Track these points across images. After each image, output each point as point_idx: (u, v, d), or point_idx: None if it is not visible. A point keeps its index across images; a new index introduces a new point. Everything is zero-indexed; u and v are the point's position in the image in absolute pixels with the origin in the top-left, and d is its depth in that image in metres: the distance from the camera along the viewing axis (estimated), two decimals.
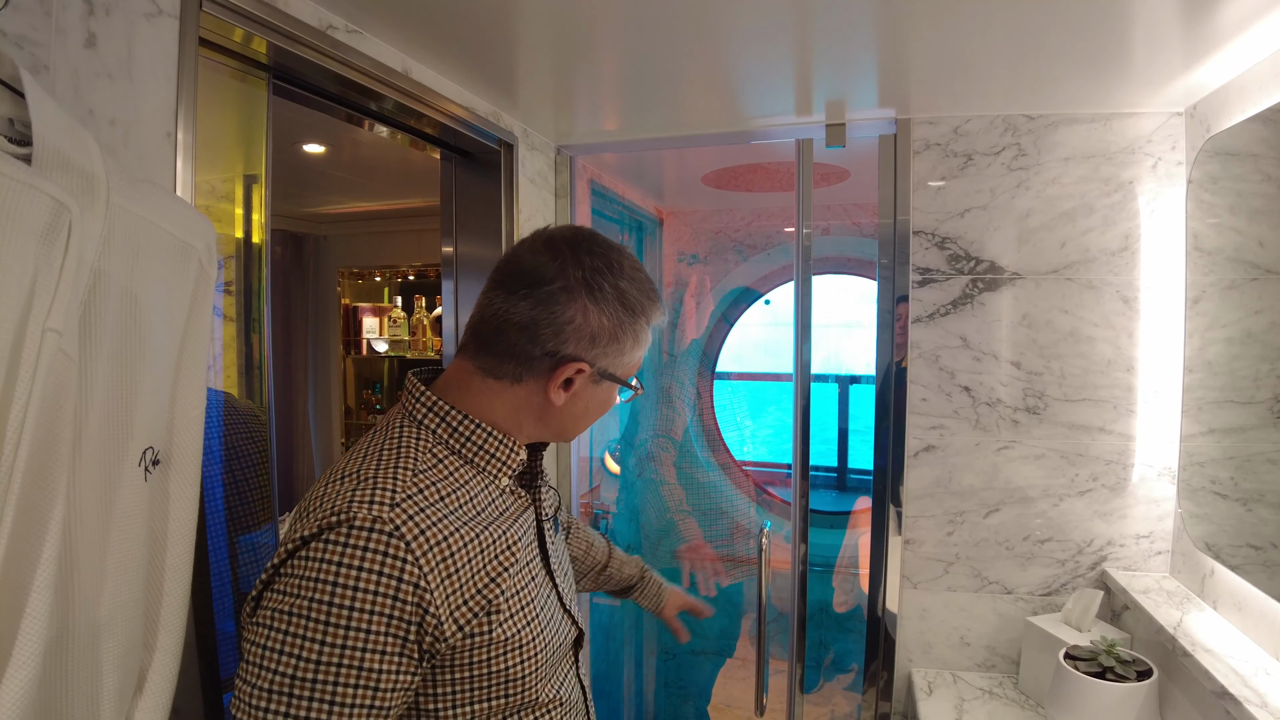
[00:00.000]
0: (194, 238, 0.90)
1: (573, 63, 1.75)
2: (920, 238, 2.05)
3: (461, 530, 0.89)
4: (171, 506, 0.88)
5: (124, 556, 0.81)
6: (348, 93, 1.54)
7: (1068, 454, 2.01)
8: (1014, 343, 2.02)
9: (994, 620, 2.08)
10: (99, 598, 0.79)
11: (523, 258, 0.97)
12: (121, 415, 0.81)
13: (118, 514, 0.81)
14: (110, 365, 0.80)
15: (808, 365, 2.05)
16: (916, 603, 2.11)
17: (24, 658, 0.69)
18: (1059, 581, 2.04)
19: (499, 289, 0.97)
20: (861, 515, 3.37)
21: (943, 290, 2.04)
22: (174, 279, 0.89)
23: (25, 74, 0.76)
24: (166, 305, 0.88)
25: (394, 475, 0.87)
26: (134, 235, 0.83)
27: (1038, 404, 2.02)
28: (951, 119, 2.03)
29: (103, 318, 0.80)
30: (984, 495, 2.05)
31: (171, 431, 0.89)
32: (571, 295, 0.94)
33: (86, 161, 0.79)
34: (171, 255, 0.88)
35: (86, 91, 0.94)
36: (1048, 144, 2.00)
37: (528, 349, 0.95)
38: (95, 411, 0.79)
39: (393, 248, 3.78)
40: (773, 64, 1.75)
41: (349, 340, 3.74)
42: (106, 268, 0.80)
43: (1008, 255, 2.01)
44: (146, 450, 0.84)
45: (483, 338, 0.97)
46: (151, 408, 0.85)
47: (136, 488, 0.83)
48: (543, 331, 0.94)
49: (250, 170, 1.42)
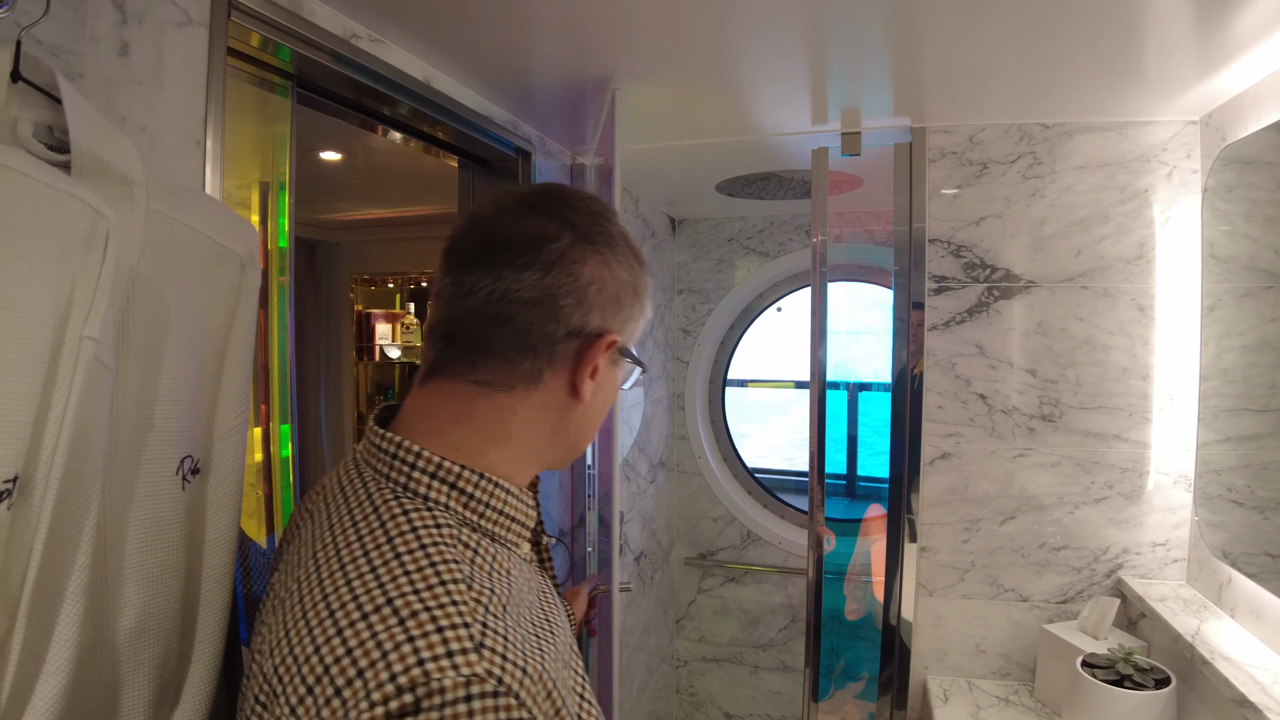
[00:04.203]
0: (235, 243, 0.91)
1: (587, 71, 1.77)
2: (936, 246, 2.05)
3: (542, 648, 0.65)
4: (210, 516, 0.89)
5: (161, 566, 0.82)
6: (369, 100, 1.56)
7: (1083, 461, 2.01)
8: (1029, 350, 2.02)
9: (1009, 628, 2.07)
10: (134, 607, 0.79)
11: (501, 223, 0.74)
12: (158, 423, 0.82)
13: (154, 523, 0.81)
14: (146, 373, 0.81)
15: (824, 372, 2.05)
16: (932, 610, 2.11)
17: (55, 665, 0.69)
18: (1074, 589, 2.04)
19: (479, 268, 0.71)
20: (873, 523, 3.36)
21: (958, 298, 2.04)
22: (214, 285, 0.90)
23: (63, 81, 0.78)
24: (207, 312, 0.89)
25: (449, 595, 0.59)
26: (173, 241, 0.84)
27: (1053, 411, 2.02)
28: (967, 127, 2.04)
29: (140, 324, 0.81)
30: (999, 503, 2.05)
31: (212, 440, 0.89)
32: (584, 250, 0.73)
33: (125, 166, 0.80)
34: (212, 261, 0.89)
35: (119, 99, 0.95)
36: (1062, 152, 2.00)
37: (549, 330, 0.71)
38: (131, 419, 0.79)
39: (405, 254, 3.80)
40: (788, 73, 1.76)
41: (362, 346, 3.75)
42: (145, 273, 0.81)
43: (1023, 263, 2.02)
44: (185, 459, 0.84)
45: (472, 338, 0.72)
46: (190, 416, 0.86)
47: (174, 497, 0.83)
48: (563, 302, 0.71)
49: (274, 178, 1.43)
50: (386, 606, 0.57)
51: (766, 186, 3.06)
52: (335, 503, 0.72)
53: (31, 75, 0.79)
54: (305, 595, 0.62)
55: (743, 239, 3.48)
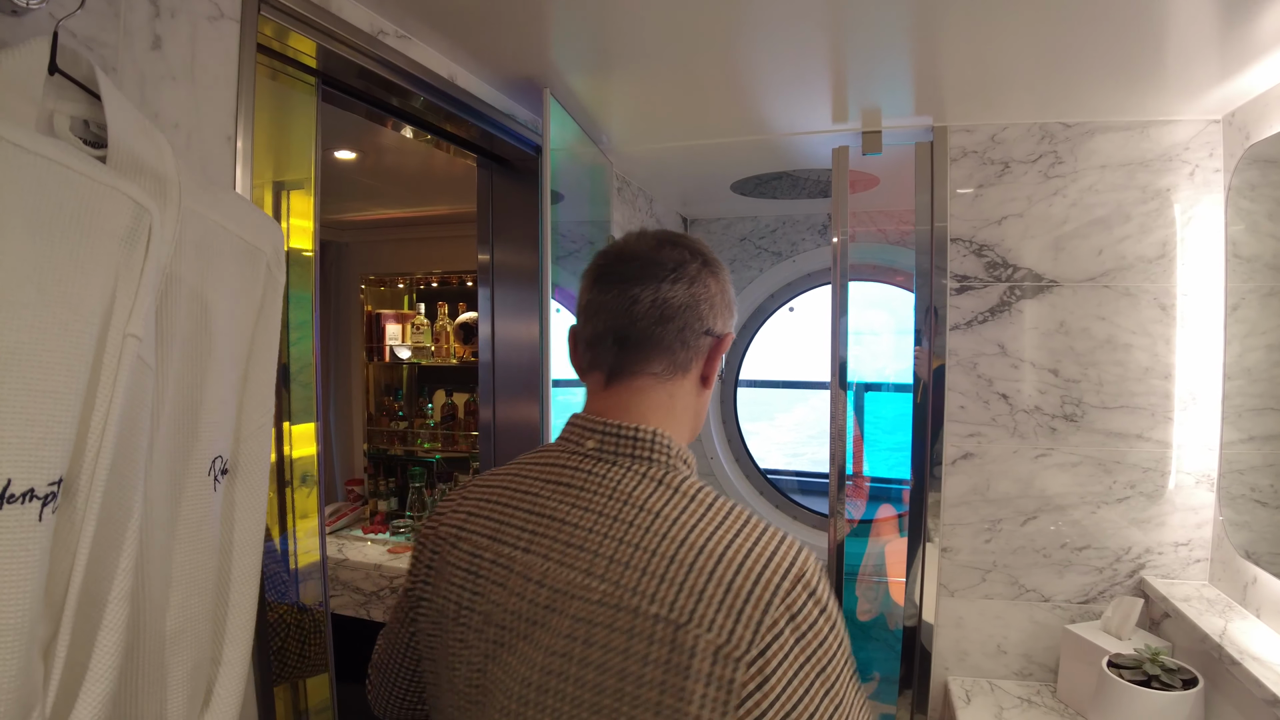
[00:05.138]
0: (263, 241, 0.90)
1: (608, 71, 1.76)
2: (957, 245, 2.04)
3: None
4: (238, 516, 0.87)
5: (193, 568, 0.81)
6: (394, 97, 1.54)
7: (1105, 461, 2.00)
8: (1051, 350, 2.01)
9: (1031, 628, 2.06)
10: (167, 610, 0.78)
11: (649, 253, 0.92)
12: (191, 423, 0.81)
13: (187, 524, 0.80)
14: (181, 372, 0.80)
15: (844, 372, 2.04)
16: (953, 611, 2.09)
17: (101, 670, 0.68)
18: (1096, 589, 2.03)
19: (639, 283, 0.89)
20: (884, 524, 3.35)
21: (980, 298, 2.03)
22: (243, 283, 0.89)
23: (101, 75, 0.77)
24: (235, 310, 0.88)
25: (757, 521, 0.80)
26: (204, 239, 0.83)
27: (1075, 411, 2.00)
28: (988, 126, 2.02)
29: (174, 323, 0.79)
30: (1021, 503, 2.03)
31: (239, 440, 0.88)
32: (708, 271, 0.93)
33: (160, 164, 0.79)
34: (240, 259, 0.88)
35: (152, 94, 0.94)
36: (1084, 151, 1.99)
37: (695, 327, 0.91)
38: (167, 419, 0.78)
39: (415, 254, 3.79)
40: (808, 73, 1.75)
41: (371, 347, 3.73)
42: (178, 271, 0.80)
43: (1045, 263, 2.00)
44: (216, 459, 0.83)
45: (643, 336, 0.89)
46: (220, 416, 0.85)
47: (206, 497, 0.82)
48: (702, 308, 0.91)
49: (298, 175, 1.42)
50: (743, 530, 0.77)
51: (780, 186, 3.05)
52: (593, 486, 0.84)
53: (69, 69, 0.78)
54: (655, 549, 0.76)
55: (755, 239, 3.47)
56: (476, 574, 0.85)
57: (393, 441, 3.72)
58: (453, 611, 0.85)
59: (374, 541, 3.33)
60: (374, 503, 3.64)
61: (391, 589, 3.03)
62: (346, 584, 3.12)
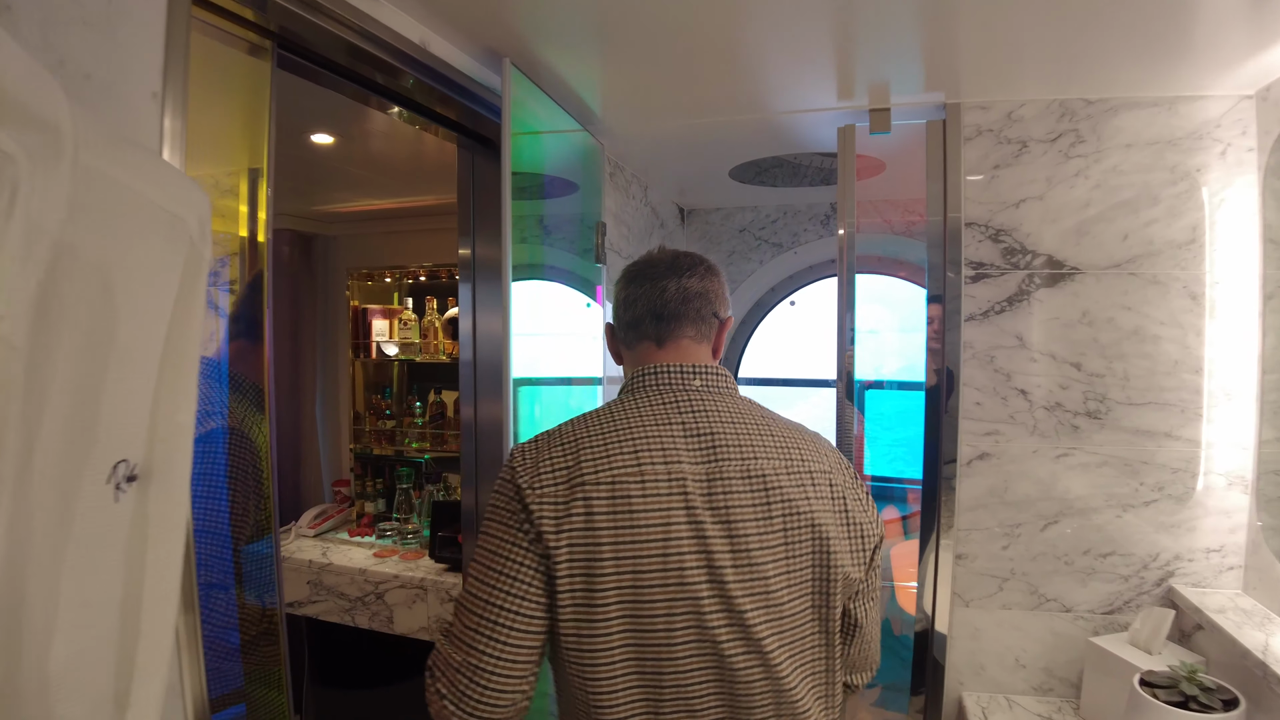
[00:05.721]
0: (185, 209, 0.76)
1: (593, 44, 1.62)
2: (972, 230, 1.91)
3: None
4: (151, 531, 0.74)
5: (86, 594, 0.67)
6: (359, 66, 1.41)
7: (1131, 462, 1.87)
8: (1073, 342, 1.88)
9: (1051, 640, 1.93)
10: (51, 645, 0.64)
11: (667, 260, 1.21)
12: (86, 421, 0.67)
13: (78, 541, 0.66)
14: (73, 360, 0.66)
15: (851, 370, 1.91)
16: (968, 621, 1.96)
17: None
18: (1121, 599, 1.90)
19: (665, 277, 1.18)
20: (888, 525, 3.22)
21: (997, 286, 1.90)
22: (159, 258, 0.75)
23: None
24: (149, 290, 0.74)
25: None
26: (110, 204, 0.69)
27: (1099, 408, 1.87)
28: (1004, 103, 1.89)
29: (65, 302, 0.66)
30: (1041, 506, 1.90)
31: (153, 441, 0.74)
32: (710, 272, 1.21)
33: (51, 112, 0.65)
34: (157, 230, 0.74)
35: (57, 38, 0.81)
36: (1107, 130, 1.86)
37: (707, 310, 1.19)
38: (51, 416, 0.64)
39: (403, 248, 3.65)
40: (810, 45, 1.63)
41: (358, 343, 3.60)
42: (73, 241, 0.66)
43: (1066, 248, 1.87)
44: (119, 464, 0.69)
45: (675, 312, 1.17)
46: (126, 412, 0.71)
47: (104, 509, 0.69)
48: (711, 295, 1.20)
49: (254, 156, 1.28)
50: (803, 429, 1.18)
51: (780, 174, 2.92)
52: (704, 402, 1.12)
53: None
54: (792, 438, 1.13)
55: (755, 229, 3.34)
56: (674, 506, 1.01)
57: (380, 441, 3.59)
58: (657, 556, 0.99)
59: (360, 545, 3.20)
60: (361, 504, 3.51)
61: (377, 595, 2.90)
62: (331, 589, 2.99)
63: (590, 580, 0.98)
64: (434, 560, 2.94)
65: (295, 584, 3.05)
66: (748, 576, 1.01)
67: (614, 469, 1.01)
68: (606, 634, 0.99)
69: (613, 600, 0.99)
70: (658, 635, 0.99)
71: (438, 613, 2.80)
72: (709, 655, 1.01)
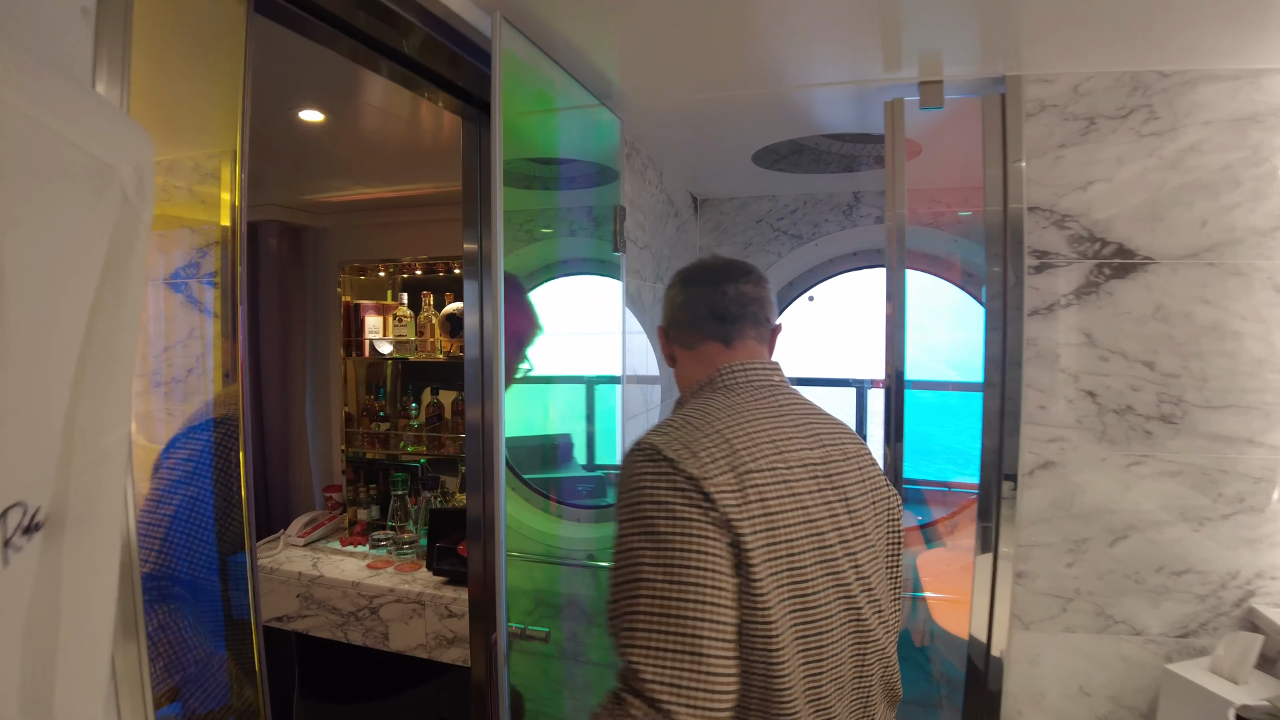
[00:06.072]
0: (116, 155, 0.56)
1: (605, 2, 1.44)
2: (1035, 215, 1.73)
3: None
4: (66, 590, 0.53)
5: None
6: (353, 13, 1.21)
7: (1209, 470, 1.70)
8: (1146, 339, 1.70)
9: (1120, 666, 1.76)
10: None
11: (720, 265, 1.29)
12: None
13: None
14: None
15: (900, 368, 1.73)
16: (1027, 645, 1.79)
17: None
18: (1197, 620, 1.73)
19: (723, 283, 1.26)
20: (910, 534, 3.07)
21: (1063, 277, 1.73)
22: (77, 219, 0.54)
23: None
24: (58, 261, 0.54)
25: None
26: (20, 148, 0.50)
27: (1174, 411, 1.70)
28: (1070, 76, 1.72)
29: None
30: (1110, 519, 1.73)
31: (67, 475, 0.54)
32: (761, 281, 1.28)
33: None
34: (74, 180, 0.54)
35: None
36: (1184, 105, 1.69)
37: (761, 315, 1.26)
38: None
39: (398, 240, 3.45)
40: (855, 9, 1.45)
41: (350, 341, 3.40)
42: None
43: (1139, 236, 1.70)
44: (11, 510, 0.50)
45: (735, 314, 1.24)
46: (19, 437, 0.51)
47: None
48: (764, 301, 1.28)
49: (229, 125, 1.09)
50: None
51: (801, 161, 2.75)
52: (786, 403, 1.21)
53: None
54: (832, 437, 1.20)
55: (773, 220, 3.15)
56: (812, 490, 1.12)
57: (374, 444, 3.39)
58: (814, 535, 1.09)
59: (352, 555, 3.01)
60: (353, 511, 3.32)
61: (371, 609, 2.71)
62: (322, 603, 2.80)
63: (764, 559, 1.03)
64: (432, 573, 2.75)
65: (284, 597, 2.86)
66: (864, 546, 1.14)
67: (766, 455, 1.10)
68: (779, 602, 1.04)
69: (783, 576, 1.05)
70: (813, 600, 1.07)
71: (436, 629, 2.62)
72: (849, 613, 1.12)
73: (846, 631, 1.12)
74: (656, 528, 1.03)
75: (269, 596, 2.89)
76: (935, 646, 2.66)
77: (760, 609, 1.02)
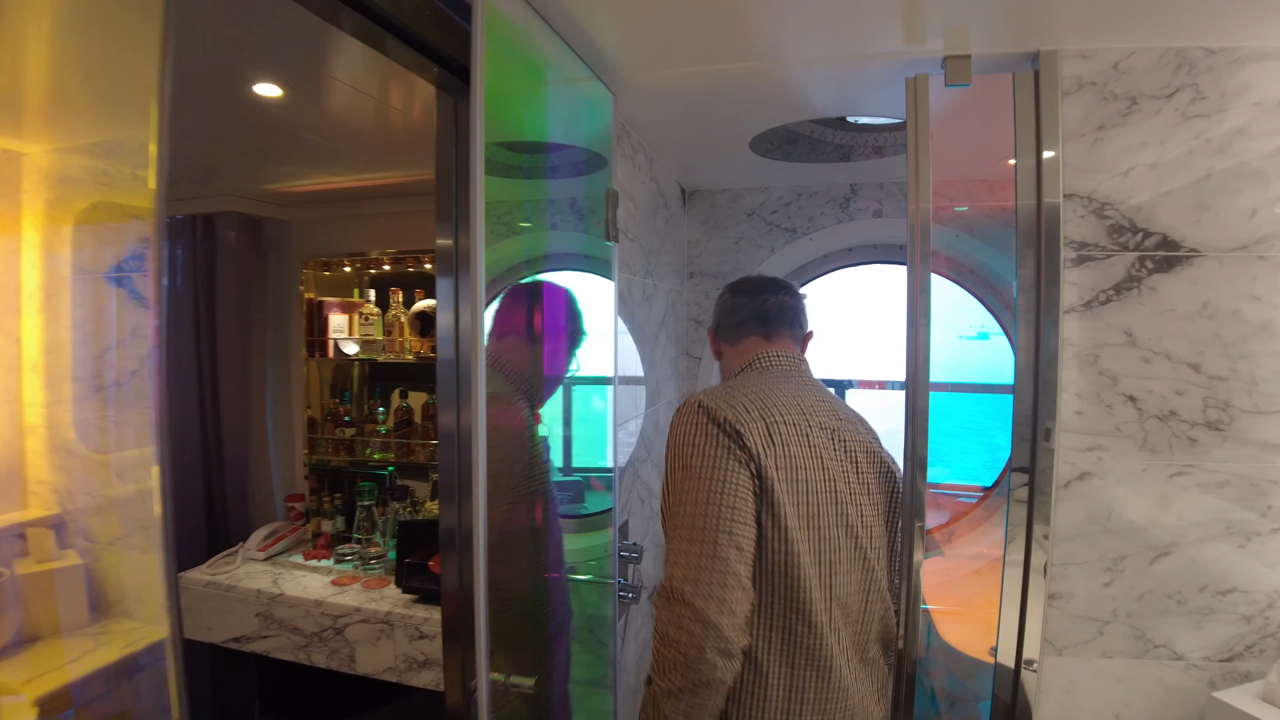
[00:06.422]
0: None
1: None
2: (1073, 203, 1.58)
3: None
4: None
5: None
6: None
7: (1258, 481, 1.56)
8: (1191, 339, 1.56)
9: (1160, 694, 1.62)
10: None
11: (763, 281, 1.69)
12: None
13: None
14: None
15: (924, 370, 1.57)
16: (1060, 672, 1.64)
17: None
18: (1243, 643, 1.59)
19: (763, 293, 1.64)
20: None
21: (1102, 271, 1.58)
22: None
23: None
24: None
25: None
26: None
27: (1220, 417, 1.56)
28: (1110, 51, 1.57)
29: None
30: (1151, 535, 1.59)
31: None
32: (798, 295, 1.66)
33: None
34: None
35: None
36: (1233, 85, 1.55)
37: (796, 321, 1.63)
38: None
39: (365, 234, 3.23)
40: None
41: (313, 341, 3.19)
42: None
43: (1184, 226, 1.56)
44: None
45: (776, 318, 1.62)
46: None
47: None
48: (801, 311, 1.64)
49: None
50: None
51: (796, 150, 2.59)
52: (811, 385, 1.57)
53: None
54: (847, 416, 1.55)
55: (765, 213, 2.99)
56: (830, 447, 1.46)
57: (339, 451, 3.18)
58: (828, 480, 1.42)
59: (316, 570, 2.80)
60: (317, 522, 3.10)
61: (336, 630, 2.51)
62: (283, 623, 2.60)
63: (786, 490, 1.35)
64: (401, 590, 2.55)
65: (242, 616, 2.66)
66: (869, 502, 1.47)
67: (791, 413, 1.43)
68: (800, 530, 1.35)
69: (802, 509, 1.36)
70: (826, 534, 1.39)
71: (406, 651, 2.43)
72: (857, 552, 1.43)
73: (855, 567, 1.42)
74: (691, 463, 1.34)
75: (226, 616, 2.69)
76: (932, 660, 2.52)
77: (782, 529, 1.33)
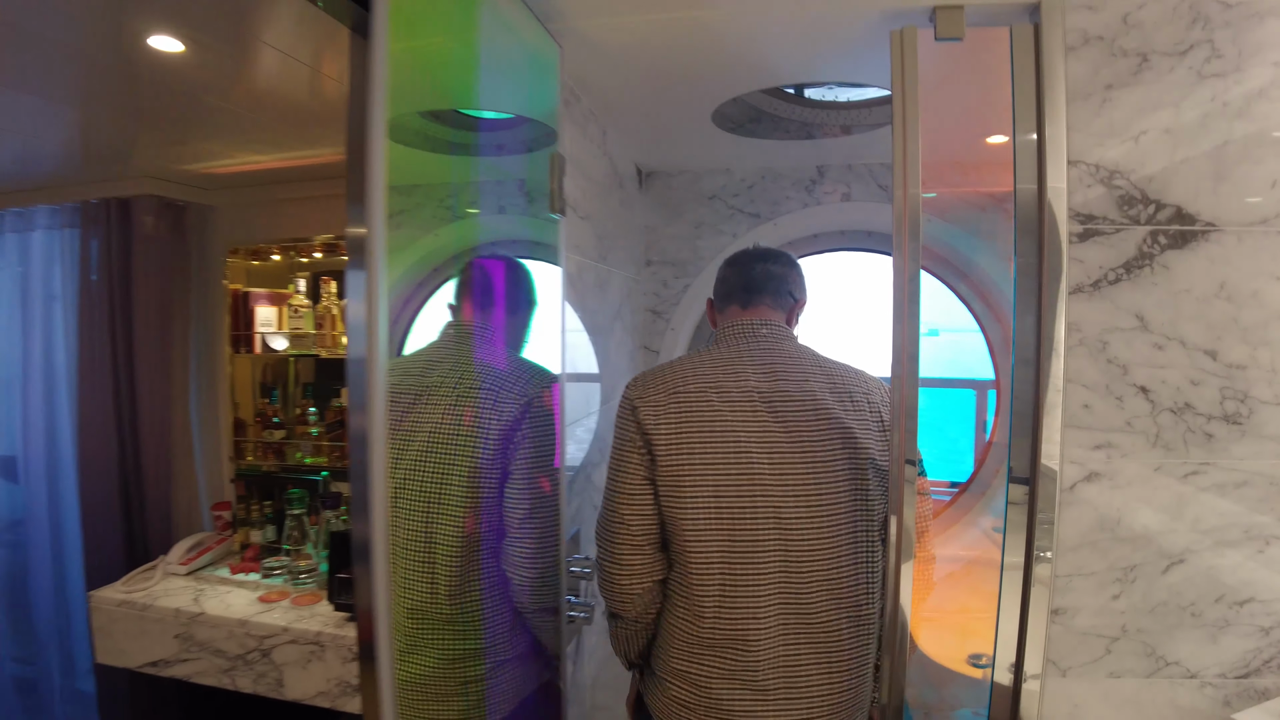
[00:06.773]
0: None
1: None
2: (1078, 170, 1.41)
3: None
4: None
5: None
6: None
7: (1279, 480, 1.41)
8: (1208, 323, 1.41)
9: (1173, 715, 1.46)
10: None
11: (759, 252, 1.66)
12: None
13: None
14: None
15: (914, 363, 1.39)
16: (1064, 695, 1.48)
17: None
18: (1260, 658, 1.44)
19: (759, 264, 1.62)
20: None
21: (1111, 247, 1.41)
22: None
23: None
24: None
25: None
26: None
27: (1239, 410, 1.41)
28: (1118, 4, 1.41)
29: None
30: (1164, 541, 1.43)
31: None
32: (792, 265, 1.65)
33: None
34: None
35: None
36: (1251, 42, 1.39)
37: (784, 290, 1.61)
38: None
39: (296, 219, 2.98)
40: None
41: (239, 335, 2.93)
42: None
43: (1200, 198, 1.40)
44: None
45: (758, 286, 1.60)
46: None
47: None
48: (789, 280, 1.62)
49: None
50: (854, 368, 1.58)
51: (759, 128, 2.41)
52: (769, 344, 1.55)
53: None
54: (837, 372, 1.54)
55: (727, 197, 2.81)
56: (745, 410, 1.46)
57: (268, 455, 2.93)
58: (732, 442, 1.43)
59: (243, 585, 2.56)
60: (245, 532, 2.85)
61: (262, 651, 2.28)
62: (205, 645, 2.35)
63: (675, 455, 1.43)
64: (334, 607, 2.32)
65: (159, 639, 2.40)
66: (800, 460, 1.43)
67: (702, 380, 1.48)
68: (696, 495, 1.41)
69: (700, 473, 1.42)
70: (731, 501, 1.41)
71: (339, 674, 2.20)
72: (778, 532, 1.41)
73: (774, 547, 1.40)
74: (613, 442, 1.52)
75: (141, 638, 2.43)
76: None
77: (676, 498, 1.41)
